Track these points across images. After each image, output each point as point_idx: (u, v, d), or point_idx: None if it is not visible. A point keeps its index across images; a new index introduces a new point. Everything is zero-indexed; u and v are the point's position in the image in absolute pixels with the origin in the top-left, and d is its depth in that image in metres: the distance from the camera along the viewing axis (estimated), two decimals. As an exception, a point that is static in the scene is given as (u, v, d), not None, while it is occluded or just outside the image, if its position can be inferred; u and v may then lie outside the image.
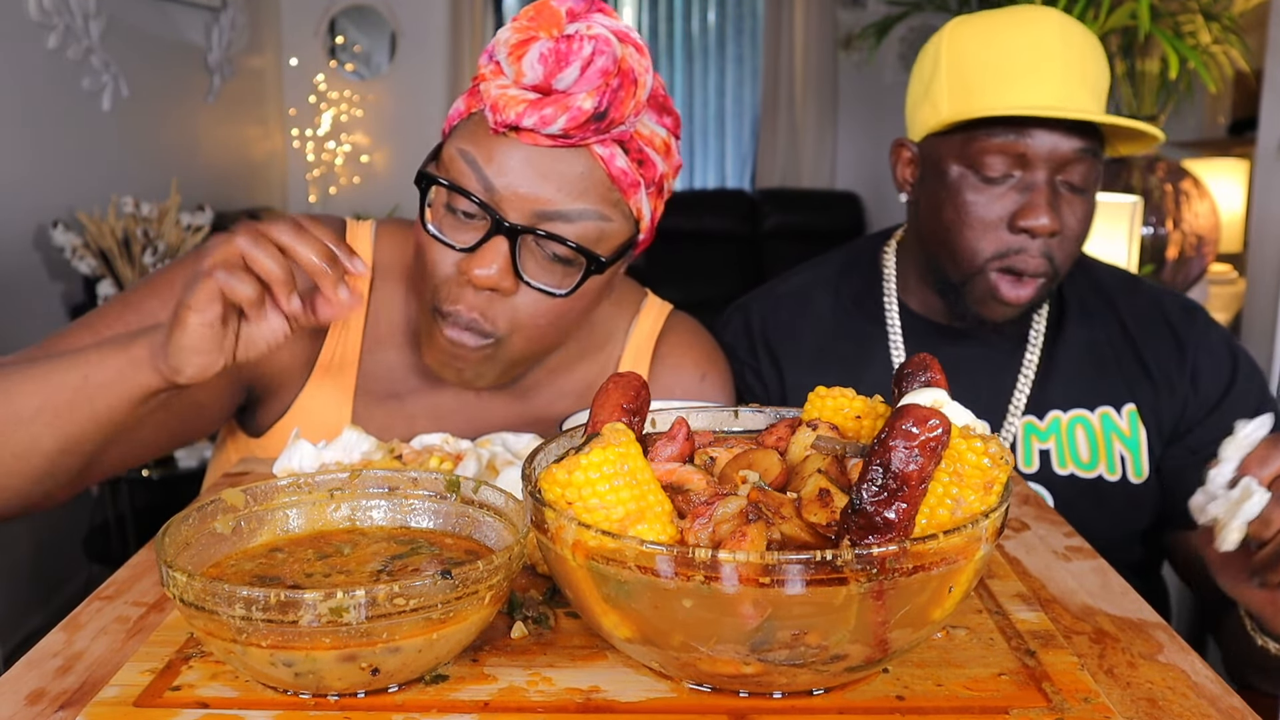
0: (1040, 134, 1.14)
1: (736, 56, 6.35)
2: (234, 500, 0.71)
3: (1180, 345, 1.28)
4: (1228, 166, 3.59)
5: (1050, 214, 1.15)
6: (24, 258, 2.89)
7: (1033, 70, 1.15)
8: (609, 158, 0.95)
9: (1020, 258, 1.17)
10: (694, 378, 1.21)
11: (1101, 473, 1.25)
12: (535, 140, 0.93)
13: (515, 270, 0.96)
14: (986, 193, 1.18)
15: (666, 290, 1.36)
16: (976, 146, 1.17)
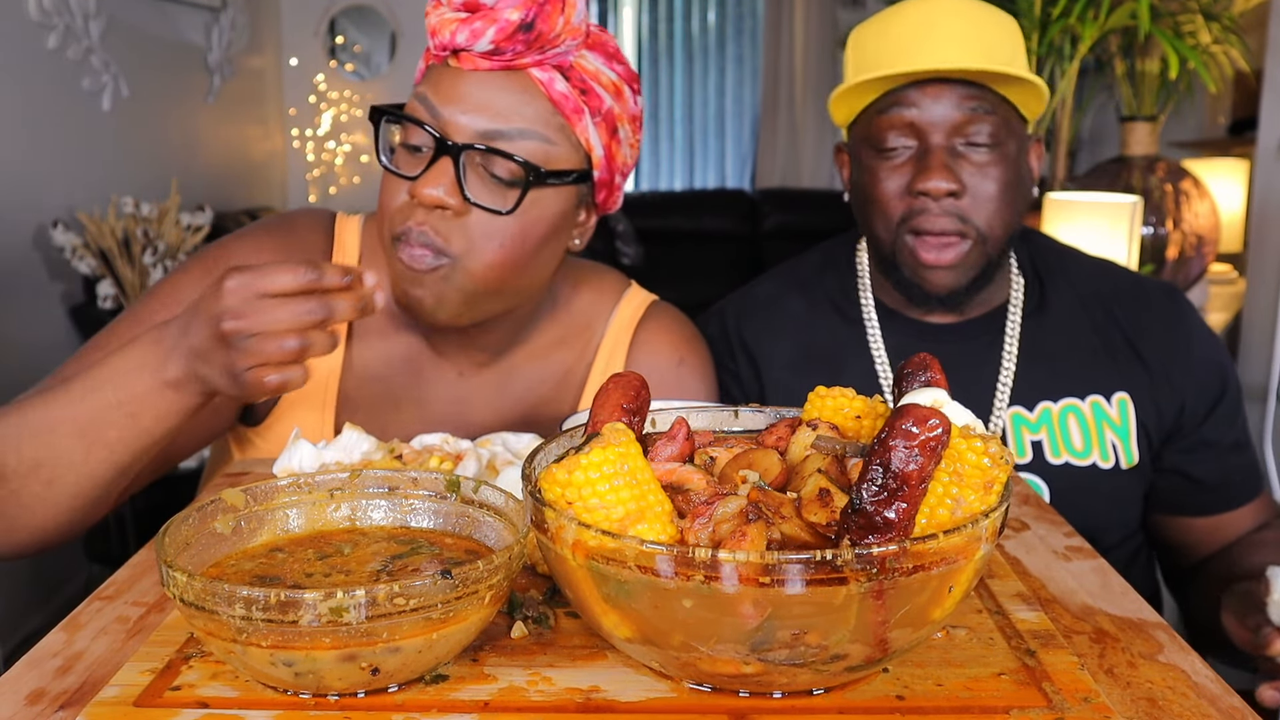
0: (924, 100, 1.18)
1: (736, 56, 6.35)
2: (234, 500, 0.71)
3: (1169, 329, 1.28)
4: (1228, 166, 3.58)
5: (943, 174, 1.17)
6: (24, 258, 2.89)
7: (914, 41, 1.18)
8: (548, 81, 1.00)
9: (924, 218, 1.19)
10: (671, 362, 1.22)
11: (1095, 460, 1.26)
12: (475, 65, 0.99)
13: (461, 190, 0.99)
14: (887, 166, 1.22)
15: (666, 290, 1.36)
16: (874, 126, 1.21)
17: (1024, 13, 2.76)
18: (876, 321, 1.33)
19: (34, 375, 1.10)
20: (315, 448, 0.92)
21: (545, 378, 1.19)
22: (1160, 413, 1.27)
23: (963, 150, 1.19)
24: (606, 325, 1.22)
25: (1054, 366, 1.28)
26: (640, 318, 1.23)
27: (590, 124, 1.03)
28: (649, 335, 1.22)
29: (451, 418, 1.16)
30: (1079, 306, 1.31)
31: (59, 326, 3.00)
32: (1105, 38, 2.87)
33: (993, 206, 1.20)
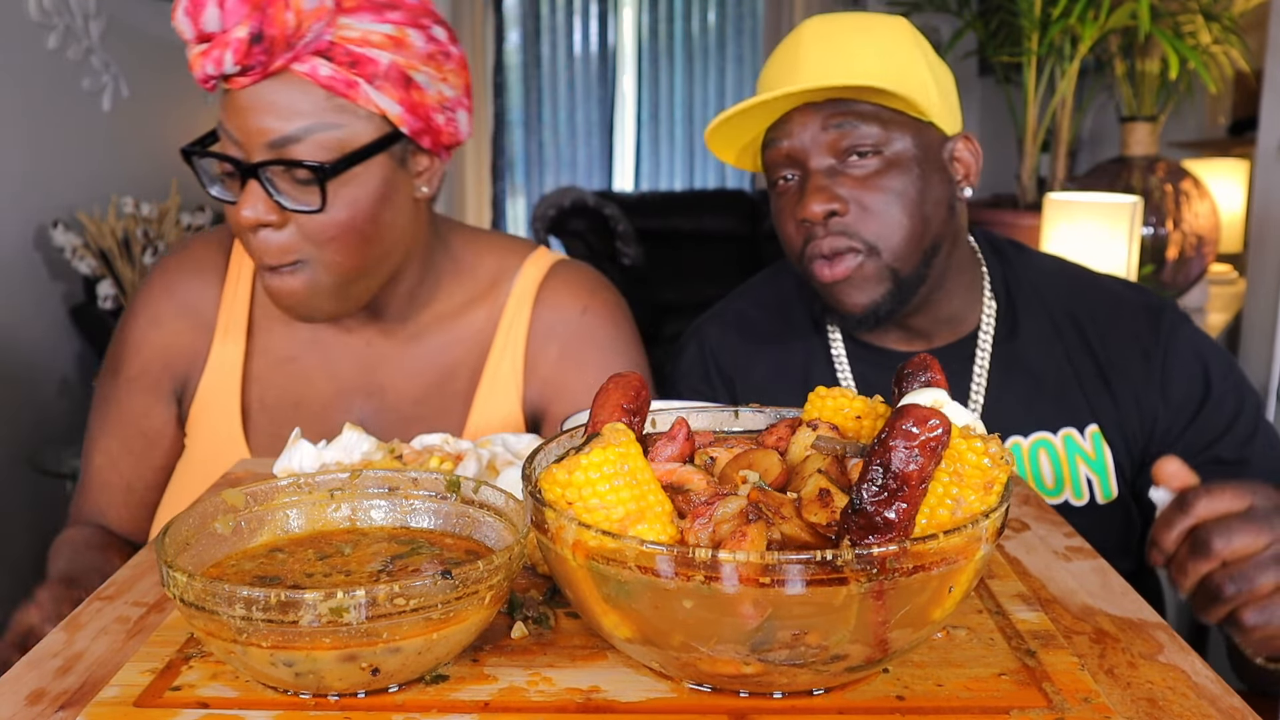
0: (791, 127, 1.15)
1: (736, 56, 6.35)
2: (234, 500, 0.71)
3: (1146, 354, 1.22)
4: (1228, 166, 3.58)
5: (817, 197, 1.13)
6: (24, 258, 2.89)
7: (779, 70, 1.17)
8: (311, 71, 1.01)
9: (814, 244, 1.16)
10: (574, 312, 1.24)
11: (1067, 498, 1.22)
12: (239, 84, 1.01)
13: (276, 202, 1.03)
14: (781, 200, 1.20)
15: (667, 290, 1.36)
16: (765, 163, 1.21)
17: (1024, 13, 2.76)
18: (844, 349, 1.30)
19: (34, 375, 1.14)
20: (315, 448, 0.92)
21: (456, 339, 1.23)
22: (1129, 444, 1.22)
23: (844, 168, 1.15)
24: (512, 284, 1.25)
25: (1025, 398, 1.23)
26: (544, 275, 1.26)
27: (371, 91, 1.04)
28: (551, 290, 1.25)
29: (365, 385, 1.21)
30: (1053, 332, 1.25)
31: (59, 326, 3.00)
32: (1105, 38, 2.87)
33: (883, 218, 1.15)
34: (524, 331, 1.23)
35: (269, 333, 1.23)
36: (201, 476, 1.19)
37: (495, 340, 1.23)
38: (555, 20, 6.35)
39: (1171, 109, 3.08)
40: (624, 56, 6.43)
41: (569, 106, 6.43)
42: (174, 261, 1.26)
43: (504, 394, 1.21)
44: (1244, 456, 1.20)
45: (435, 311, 1.22)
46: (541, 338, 1.23)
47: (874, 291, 1.17)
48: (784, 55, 1.18)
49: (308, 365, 1.22)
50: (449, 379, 1.22)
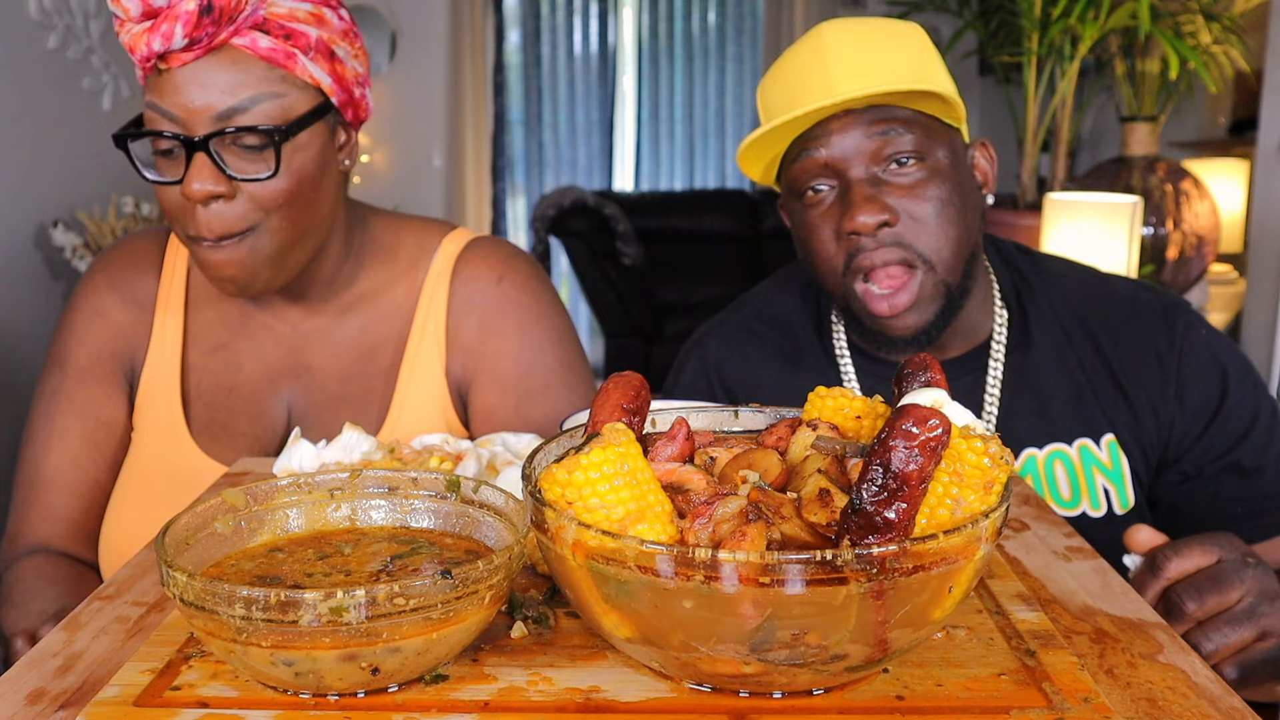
0: (831, 137, 1.11)
1: (736, 56, 6.35)
2: (234, 500, 0.71)
3: (1160, 359, 1.19)
4: (1228, 166, 3.58)
5: (868, 207, 1.09)
6: (24, 258, 2.89)
7: (808, 77, 1.12)
8: (251, 43, 1.05)
9: (865, 256, 1.12)
10: (490, 283, 1.26)
11: (1085, 509, 1.19)
12: (181, 60, 1.03)
13: (225, 174, 1.05)
14: (814, 213, 1.15)
15: (667, 290, 1.36)
16: (792, 176, 1.16)
17: (1024, 13, 2.76)
18: (851, 366, 1.27)
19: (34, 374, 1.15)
20: (315, 447, 0.92)
21: (378, 317, 1.26)
22: (1145, 451, 1.20)
23: (886, 176, 1.12)
24: (431, 261, 1.27)
25: (1040, 409, 1.20)
26: (460, 250, 1.28)
27: (306, 62, 1.08)
28: (467, 264, 1.27)
29: (293, 367, 1.24)
30: (1065, 340, 1.22)
31: (59, 326, 3.00)
32: (1105, 38, 2.87)
33: (933, 227, 1.12)
34: (443, 306, 1.25)
35: (202, 321, 1.25)
36: (150, 470, 1.21)
37: (416, 316, 1.25)
38: (555, 20, 6.35)
39: (1171, 109, 3.08)
40: (624, 56, 6.42)
41: (569, 106, 6.43)
42: (113, 255, 1.28)
43: (427, 368, 1.24)
44: (1261, 464, 1.18)
45: (357, 291, 1.25)
46: (460, 310, 1.25)
47: (928, 311, 1.14)
48: (809, 63, 1.14)
49: (238, 351, 1.24)
50: (373, 357, 1.24)
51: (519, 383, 1.23)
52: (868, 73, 1.10)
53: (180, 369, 1.23)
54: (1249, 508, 1.17)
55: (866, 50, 1.12)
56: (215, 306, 1.25)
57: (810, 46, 1.15)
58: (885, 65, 1.11)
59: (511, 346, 1.24)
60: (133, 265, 1.27)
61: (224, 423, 1.22)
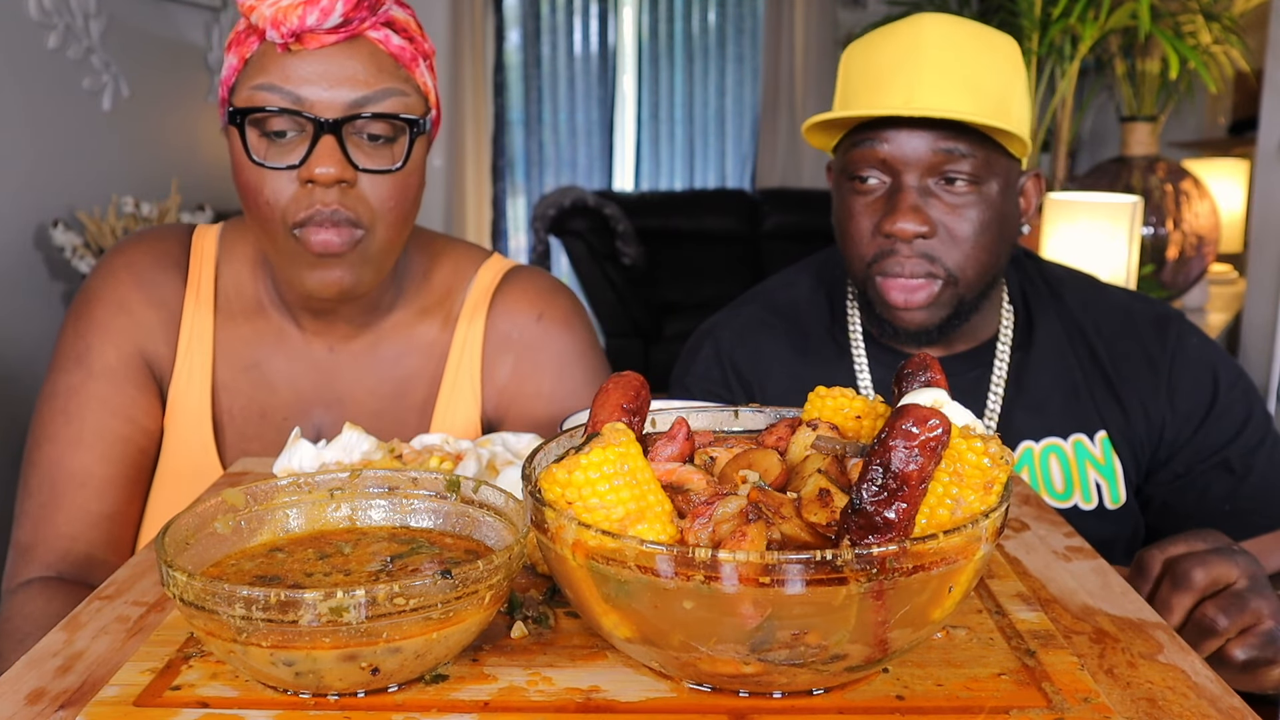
0: (898, 137, 1.13)
1: (736, 56, 6.35)
2: (234, 500, 0.71)
3: (1153, 365, 1.23)
4: (1228, 166, 3.59)
5: (911, 216, 1.12)
6: (24, 258, 2.89)
7: (896, 73, 1.13)
8: (384, 39, 1.04)
9: (892, 260, 1.15)
10: (529, 319, 1.22)
11: (1077, 502, 1.22)
12: (320, 42, 1.01)
13: (350, 161, 1.02)
14: (860, 200, 1.18)
15: (667, 290, 1.36)
16: (850, 156, 1.18)
17: (1024, 13, 2.76)
18: (864, 354, 1.30)
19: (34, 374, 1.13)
20: (315, 447, 0.92)
21: (411, 348, 1.21)
22: (1136, 451, 1.23)
23: (936, 189, 1.14)
24: (466, 293, 1.23)
25: (1038, 405, 1.24)
26: (498, 282, 1.24)
27: (424, 68, 1.08)
28: (505, 297, 1.23)
29: (324, 396, 1.19)
30: (1065, 342, 1.27)
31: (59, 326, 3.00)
32: (1105, 38, 2.87)
33: (966, 248, 1.15)
34: (479, 342, 1.21)
35: (234, 335, 1.18)
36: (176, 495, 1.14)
37: (451, 352, 1.20)
38: (555, 20, 6.35)
39: (1171, 109, 3.08)
40: (624, 56, 6.42)
41: (569, 106, 6.43)
42: (134, 250, 1.19)
43: (462, 409, 1.19)
44: (1250, 465, 1.21)
45: (394, 319, 1.20)
46: (497, 348, 1.21)
47: (939, 314, 1.18)
48: (899, 55, 1.14)
49: (271, 371, 1.18)
50: (406, 392, 1.20)
51: (553, 425, 1.19)
52: (954, 91, 1.12)
53: (211, 388, 1.17)
54: (1237, 506, 1.20)
55: (959, 63, 1.13)
56: (249, 321, 1.18)
57: (907, 40, 1.15)
58: (972, 84, 1.12)
59: (548, 388, 1.20)
60: (157, 263, 1.18)
61: (257, 452, 1.16)
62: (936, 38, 1.14)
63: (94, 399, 1.13)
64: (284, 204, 1.03)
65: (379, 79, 1.03)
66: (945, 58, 1.13)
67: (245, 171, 1.05)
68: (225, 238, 1.22)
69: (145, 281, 1.17)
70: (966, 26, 1.17)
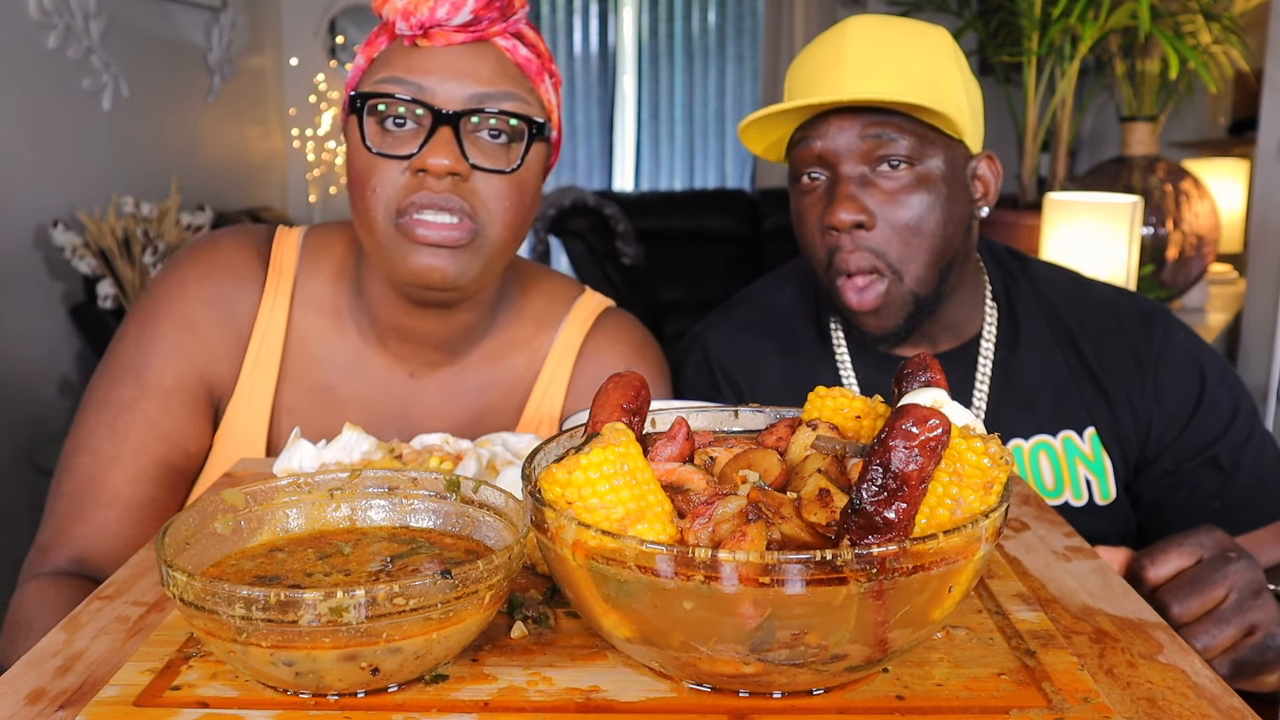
0: (828, 130, 1.14)
1: (736, 56, 6.35)
2: (234, 500, 0.71)
3: (1139, 361, 1.24)
4: (1228, 166, 3.59)
5: (847, 205, 1.13)
6: (24, 258, 2.89)
7: (823, 70, 1.16)
8: (512, 49, 1.05)
9: (841, 256, 1.16)
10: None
11: (1067, 499, 1.23)
12: (448, 40, 1.02)
13: (464, 155, 1.01)
14: (806, 199, 1.19)
15: (667, 290, 1.37)
16: (791, 158, 1.21)
17: (1024, 13, 2.76)
18: (848, 356, 1.31)
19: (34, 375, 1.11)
20: (315, 447, 0.92)
21: (494, 383, 1.18)
22: (1124, 447, 1.23)
23: (874, 177, 1.14)
24: (556, 333, 1.21)
25: (1027, 402, 1.24)
26: (591, 326, 1.22)
27: (549, 84, 1.08)
28: (597, 344, 1.21)
29: (397, 422, 1.15)
30: (1051, 339, 1.27)
31: (59, 326, 3.00)
32: (1105, 38, 2.87)
33: (908, 237, 1.15)
34: (564, 387, 1.19)
35: (306, 356, 1.14)
36: None
37: (534, 392, 1.18)
38: (555, 20, 6.35)
39: (1171, 109, 3.08)
40: (624, 56, 6.43)
41: (569, 106, 6.43)
42: (210, 259, 1.14)
43: None
44: (1238, 462, 1.21)
45: (481, 350, 1.17)
46: (580, 395, 1.19)
47: (896, 316, 1.19)
48: (826, 54, 1.17)
49: (343, 396, 1.14)
50: (482, 425, 1.17)
51: None
52: (878, 76, 1.13)
53: (270, 411, 1.13)
54: (1226, 502, 1.21)
55: (883, 51, 1.14)
56: (326, 341, 1.14)
57: (833, 39, 1.18)
58: (899, 70, 1.13)
59: None
60: (234, 276, 1.13)
61: None
62: (860, 32, 1.16)
63: (142, 418, 1.09)
64: (391, 193, 1.02)
65: (502, 81, 1.03)
66: (870, 48, 1.15)
67: (358, 161, 1.03)
68: (308, 245, 1.18)
69: (216, 298, 1.12)
70: (894, 21, 1.19)
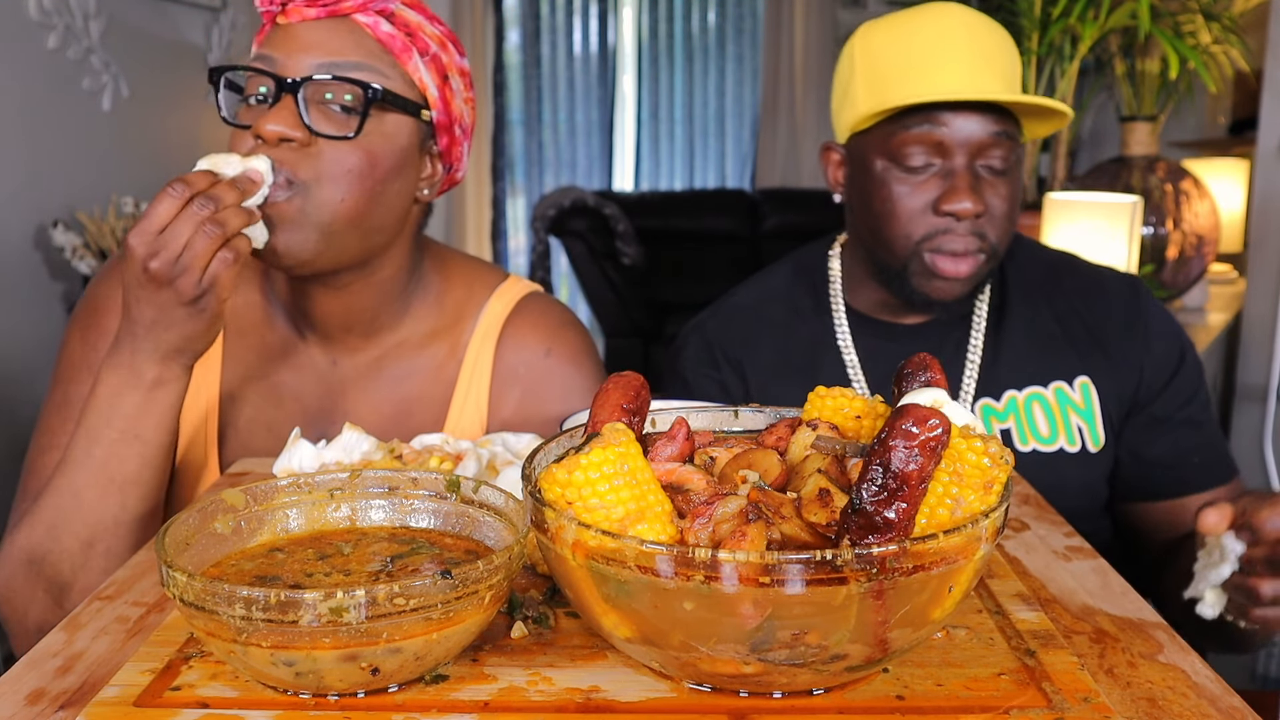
0: (955, 121, 1.20)
1: (736, 56, 6.35)
2: (234, 500, 0.71)
3: (1130, 316, 1.33)
4: (1228, 166, 3.58)
5: (972, 197, 1.20)
6: (24, 258, 2.89)
7: (939, 59, 1.21)
8: (373, 24, 1.05)
9: (948, 238, 1.23)
10: (538, 354, 1.22)
11: (1062, 445, 1.30)
12: (301, 15, 1.04)
13: (304, 122, 1.01)
14: (909, 182, 1.23)
15: (667, 290, 1.37)
16: (897, 140, 1.23)
17: (1024, 13, 2.76)
18: (847, 326, 1.36)
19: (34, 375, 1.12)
20: (315, 448, 0.92)
21: (417, 369, 1.20)
22: (1119, 391, 1.31)
23: (980, 171, 1.22)
24: (477, 319, 1.22)
25: (1017, 357, 1.32)
26: (510, 311, 1.23)
27: (420, 63, 1.07)
28: (516, 328, 1.22)
29: (329, 411, 1.18)
30: (1040, 298, 1.35)
31: (59, 326, 3.00)
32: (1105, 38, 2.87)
33: (1005, 225, 1.25)
34: (488, 372, 1.20)
35: (242, 345, 1.17)
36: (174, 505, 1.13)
37: (459, 380, 1.20)
38: (555, 20, 6.35)
39: (1171, 109, 3.08)
40: (624, 56, 6.42)
41: (569, 106, 6.43)
42: None
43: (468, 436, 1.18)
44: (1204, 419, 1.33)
45: (399, 336, 1.19)
46: (504, 380, 1.20)
47: (971, 286, 1.27)
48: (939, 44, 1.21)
49: (279, 384, 1.17)
50: (411, 413, 1.19)
51: None
52: (997, 76, 1.21)
53: (218, 398, 1.15)
54: (1204, 456, 1.31)
55: (994, 49, 1.23)
56: (256, 330, 1.18)
57: (935, 28, 1.23)
58: (1006, 69, 1.24)
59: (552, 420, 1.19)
60: None
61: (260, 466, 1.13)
62: (972, 27, 1.23)
63: None
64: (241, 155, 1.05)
65: (354, 53, 1.03)
66: (980, 47, 1.21)
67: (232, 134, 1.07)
68: None
69: None
70: (981, 15, 1.26)
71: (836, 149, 1.34)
